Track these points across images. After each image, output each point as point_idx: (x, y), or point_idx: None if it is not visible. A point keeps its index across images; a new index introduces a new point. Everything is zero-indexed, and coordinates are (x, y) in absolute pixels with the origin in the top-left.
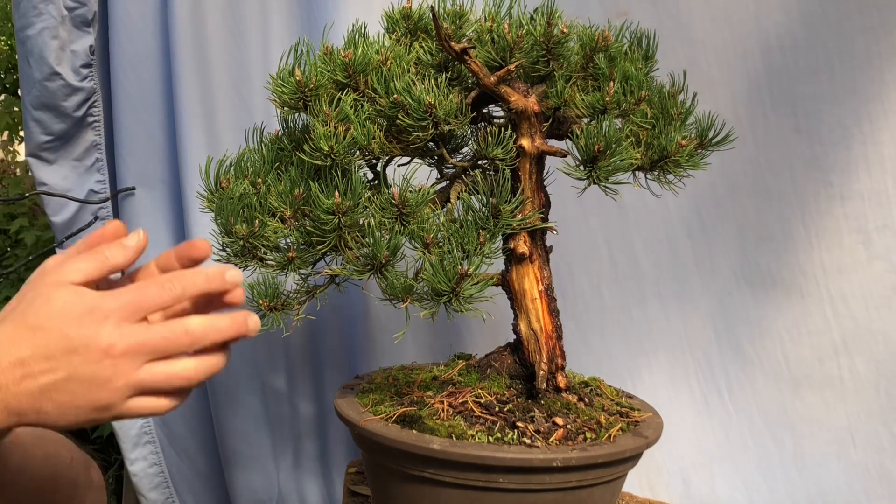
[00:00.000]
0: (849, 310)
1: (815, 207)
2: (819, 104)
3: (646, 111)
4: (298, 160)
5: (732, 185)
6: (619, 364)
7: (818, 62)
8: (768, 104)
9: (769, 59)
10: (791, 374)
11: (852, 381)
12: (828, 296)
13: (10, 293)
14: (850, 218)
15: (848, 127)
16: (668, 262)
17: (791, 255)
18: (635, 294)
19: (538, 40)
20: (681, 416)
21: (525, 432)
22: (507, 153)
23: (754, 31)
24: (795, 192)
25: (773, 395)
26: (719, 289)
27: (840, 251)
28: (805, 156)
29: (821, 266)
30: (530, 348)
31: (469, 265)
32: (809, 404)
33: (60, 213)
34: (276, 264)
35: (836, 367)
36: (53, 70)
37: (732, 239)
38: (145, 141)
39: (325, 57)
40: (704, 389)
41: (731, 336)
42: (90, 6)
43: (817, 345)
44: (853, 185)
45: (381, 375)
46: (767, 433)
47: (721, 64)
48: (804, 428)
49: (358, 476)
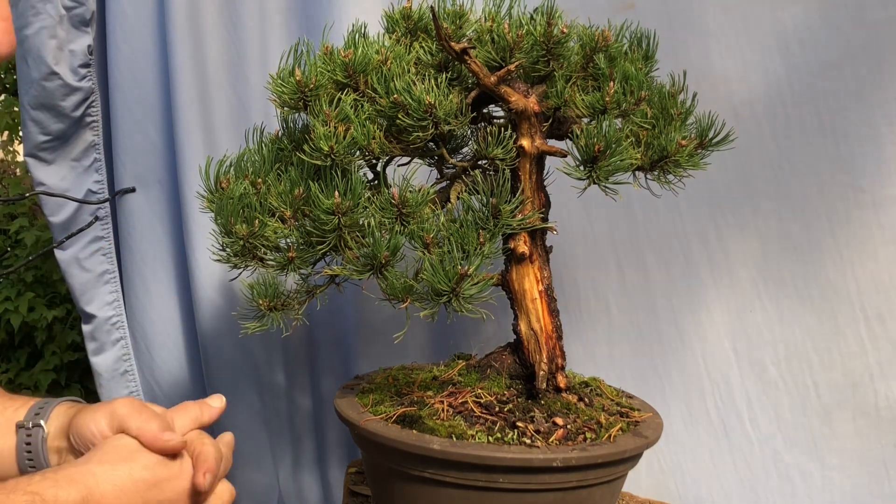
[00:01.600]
0: (885, 331)
1: (845, 215)
2: (843, 101)
3: (646, 111)
4: (298, 160)
5: (751, 190)
6: (629, 386)
7: (840, 56)
8: (789, 101)
9: (787, 53)
10: (821, 400)
11: (888, 409)
12: (862, 315)
13: (10, 293)
14: (885, 227)
15: (877, 126)
16: (681, 272)
17: (819, 268)
18: (645, 307)
19: (538, 40)
20: (697, 441)
21: (525, 432)
22: (507, 153)
23: (770, 24)
24: (822, 197)
25: (799, 422)
26: (738, 304)
27: (875, 265)
28: (831, 157)
29: (854, 281)
30: (530, 348)
31: (469, 265)
32: (841, 434)
33: (59, 213)
34: (276, 264)
35: (871, 394)
36: (51, 70)
37: (753, 249)
38: (143, 141)
39: (325, 57)
40: (723, 414)
41: (752, 356)
42: (88, 6)
43: (850, 369)
44: (886, 190)
45: (381, 375)
46: (793, 464)
47: (736, 58)
48: (834, 459)
49: (358, 476)
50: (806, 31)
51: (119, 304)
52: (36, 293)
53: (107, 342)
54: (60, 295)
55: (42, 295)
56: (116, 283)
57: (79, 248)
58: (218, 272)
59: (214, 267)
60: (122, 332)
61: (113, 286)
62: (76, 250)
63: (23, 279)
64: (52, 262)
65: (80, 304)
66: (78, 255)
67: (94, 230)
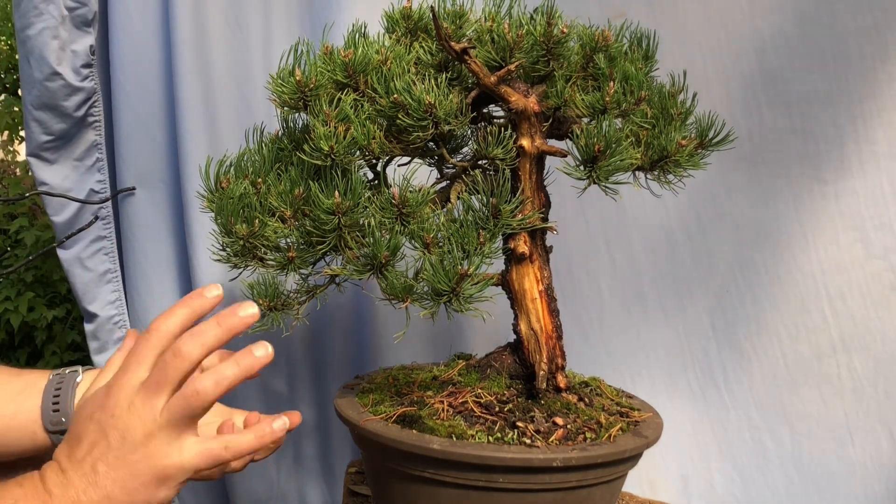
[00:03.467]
0: (847, 308)
1: (810, 205)
2: (813, 104)
3: (646, 111)
4: (298, 160)
5: (728, 184)
6: (617, 359)
7: (812, 62)
8: (763, 104)
9: (763, 59)
10: (789, 371)
11: (850, 380)
12: (826, 294)
13: (10, 293)
14: (846, 215)
15: (842, 126)
16: (667, 259)
17: (787, 252)
18: (634, 292)
19: (538, 40)
20: (680, 409)
21: (525, 432)
22: (507, 153)
23: (749, 32)
24: (790, 189)
25: (770, 391)
26: (717, 286)
27: (837, 249)
28: (799, 154)
29: (818, 263)
30: (530, 348)
31: (469, 265)
32: (807, 401)
33: (61, 213)
34: (276, 264)
35: (834, 365)
36: (54, 70)
37: (729, 236)
38: (145, 141)
39: (326, 57)
40: (702, 384)
41: (728, 332)
42: (90, 6)
43: (815, 342)
44: (847, 182)
45: (381, 375)
46: (765, 429)
47: (716, 64)
48: (802, 425)
49: (358, 476)
50: (782, 39)
51: (121, 304)
52: (36, 293)
53: (109, 341)
54: (60, 295)
55: (42, 295)
56: (118, 282)
57: (81, 248)
58: (219, 272)
59: (216, 267)
60: (124, 332)
61: (115, 285)
62: (78, 250)
63: (23, 279)
64: (52, 261)
65: (83, 303)
66: (80, 254)
67: (96, 230)
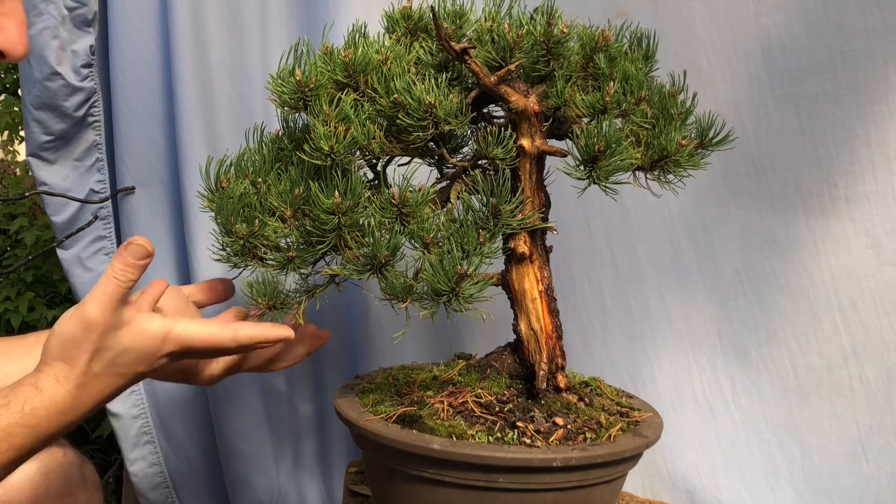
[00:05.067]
0: (859, 316)
1: (820, 210)
2: (822, 105)
3: (646, 111)
4: (298, 160)
5: (735, 187)
6: (620, 368)
7: (820, 62)
8: (771, 105)
9: (770, 59)
10: (799, 382)
11: (863, 391)
12: (837, 302)
13: (10, 293)
14: (857, 220)
15: (852, 128)
16: (671, 264)
17: (796, 258)
18: (637, 297)
19: (538, 40)
20: (685, 422)
21: (525, 432)
22: (507, 153)
23: (755, 31)
24: (799, 193)
25: (780, 403)
26: (723, 292)
27: (848, 256)
28: (808, 157)
29: (828, 270)
30: (530, 348)
31: (469, 265)
32: (818, 414)
33: (61, 212)
34: (276, 264)
35: (846, 376)
36: (54, 70)
37: (735, 241)
38: (144, 140)
39: (325, 57)
40: (709, 396)
41: (736, 342)
42: (90, 6)
43: (826, 352)
44: (858, 187)
45: (382, 375)
46: (775, 443)
47: (722, 64)
48: (813, 439)
49: (358, 476)
50: (788, 38)
51: None
52: (36, 293)
53: None
54: (60, 295)
55: (42, 295)
56: None
57: (81, 248)
58: (219, 272)
59: (216, 266)
60: None
61: None
62: (78, 250)
63: (23, 279)
64: (52, 261)
65: None
66: (80, 254)
67: (96, 230)
